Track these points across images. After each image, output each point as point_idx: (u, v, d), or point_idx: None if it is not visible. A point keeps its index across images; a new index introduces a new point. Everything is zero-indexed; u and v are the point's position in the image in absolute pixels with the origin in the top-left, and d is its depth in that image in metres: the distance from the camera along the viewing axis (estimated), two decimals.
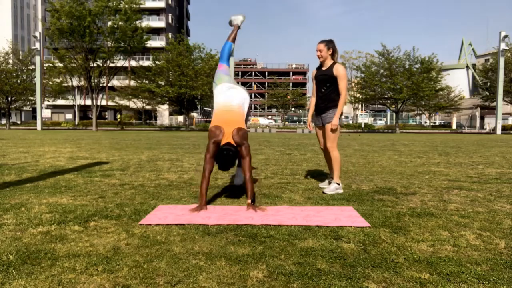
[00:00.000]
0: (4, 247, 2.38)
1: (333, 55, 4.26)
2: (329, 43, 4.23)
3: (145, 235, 2.64)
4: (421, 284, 1.89)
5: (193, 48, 36.94)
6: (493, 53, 39.45)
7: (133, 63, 46.84)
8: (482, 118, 47.95)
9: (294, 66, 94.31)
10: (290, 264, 2.13)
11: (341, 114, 4.27)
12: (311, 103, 4.52)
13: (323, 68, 4.30)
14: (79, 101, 52.67)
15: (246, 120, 4.00)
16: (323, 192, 4.13)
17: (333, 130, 4.19)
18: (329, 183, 4.48)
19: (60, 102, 50.41)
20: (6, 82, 36.86)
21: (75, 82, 41.47)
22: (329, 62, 4.26)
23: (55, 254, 2.25)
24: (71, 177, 5.17)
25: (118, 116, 38.56)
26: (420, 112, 48.33)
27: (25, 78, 38.44)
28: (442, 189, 4.50)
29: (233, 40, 4.26)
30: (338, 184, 4.19)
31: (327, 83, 4.24)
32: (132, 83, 44.10)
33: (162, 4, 60.65)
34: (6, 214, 3.17)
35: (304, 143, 13.75)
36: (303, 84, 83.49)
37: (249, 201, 3.41)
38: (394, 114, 37.74)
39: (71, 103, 50.24)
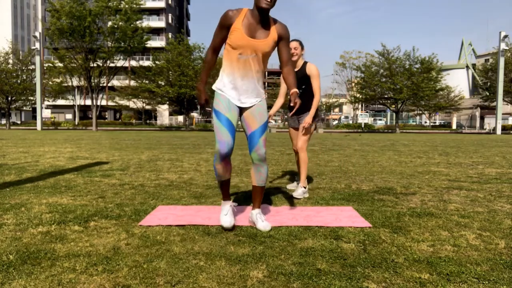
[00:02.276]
0: (4, 247, 2.38)
1: (303, 55, 4.15)
2: (301, 43, 4.08)
3: (145, 235, 2.64)
4: (421, 284, 1.89)
5: (193, 48, 36.96)
6: (493, 53, 39.47)
7: (133, 63, 46.89)
8: (482, 118, 47.98)
9: None
10: (290, 264, 2.13)
11: (317, 116, 4.13)
12: (276, 103, 4.25)
13: (296, 69, 4.10)
14: (79, 101, 52.66)
15: None
16: (292, 197, 3.95)
17: (307, 130, 4.04)
18: (297, 184, 4.42)
19: (60, 102, 50.43)
20: (6, 82, 36.87)
21: (75, 82, 41.53)
22: (300, 62, 4.10)
23: (55, 254, 2.25)
24: (71, 177, 5.17)
25: (52, 116, 39.01)
26: (420, 112, 48.34)
27: (25, 78, 38.44)
28: (442, 189, 4.51)
29: None
30: (305, 187, 4.02)
31: (302, 85, 4.10)
32: (132, 83, 44.16)
33: (162, 4, 60.67)
34: (6, 214, 3.17)
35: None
36: None
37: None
38: (394, 114, 37.75)
39: (71, 103, 50.25)
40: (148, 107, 50.26)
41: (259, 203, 2.91)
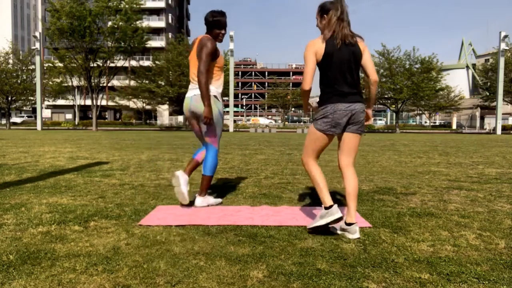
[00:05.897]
0: (4, 247, 2.38)
1: (330, 24, 2.68)
2: (322, 9, 2.74)
3: (145, 235, 2.64)
4: (421, 284, 1.89)
5: None
6: (493, 53, 39.45)
7: (133, 63, 46.84)
8: (482, 118, 47.96)
9: (294, 66, 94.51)
10: (290, 264, 2.13)
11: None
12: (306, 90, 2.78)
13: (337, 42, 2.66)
14: (79, 101, 52.67)
15: None
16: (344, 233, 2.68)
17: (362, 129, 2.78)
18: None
19: (60, 102, 50.44)
20: (6, 82, 36.86)
21: (75, 82, 41.47)
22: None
23: (55, 254, 2.25)
24: (71, 177, 5.16)
25: None
26: (420, 112, 48.33)
27: (25, 78, 38.43)
28: (442, 189, 4.50)
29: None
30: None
31: (354, 64, 2.70)
32: (132, 83, 44.09)
33: (162, 4, 60.66)
34: (6, 214, 3.17)
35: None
36: None
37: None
38: (394, 114, 37.74)
39: (71, 103, 50.25)
40: (148, 107, 50.21)
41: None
